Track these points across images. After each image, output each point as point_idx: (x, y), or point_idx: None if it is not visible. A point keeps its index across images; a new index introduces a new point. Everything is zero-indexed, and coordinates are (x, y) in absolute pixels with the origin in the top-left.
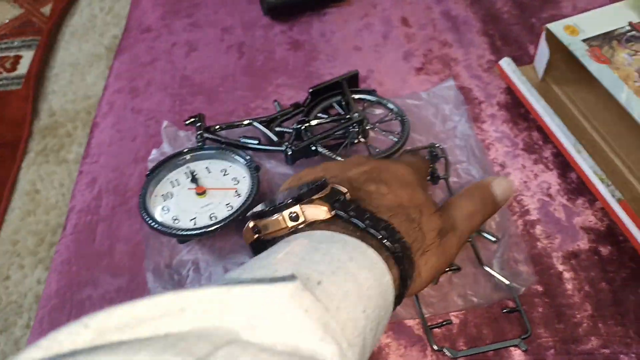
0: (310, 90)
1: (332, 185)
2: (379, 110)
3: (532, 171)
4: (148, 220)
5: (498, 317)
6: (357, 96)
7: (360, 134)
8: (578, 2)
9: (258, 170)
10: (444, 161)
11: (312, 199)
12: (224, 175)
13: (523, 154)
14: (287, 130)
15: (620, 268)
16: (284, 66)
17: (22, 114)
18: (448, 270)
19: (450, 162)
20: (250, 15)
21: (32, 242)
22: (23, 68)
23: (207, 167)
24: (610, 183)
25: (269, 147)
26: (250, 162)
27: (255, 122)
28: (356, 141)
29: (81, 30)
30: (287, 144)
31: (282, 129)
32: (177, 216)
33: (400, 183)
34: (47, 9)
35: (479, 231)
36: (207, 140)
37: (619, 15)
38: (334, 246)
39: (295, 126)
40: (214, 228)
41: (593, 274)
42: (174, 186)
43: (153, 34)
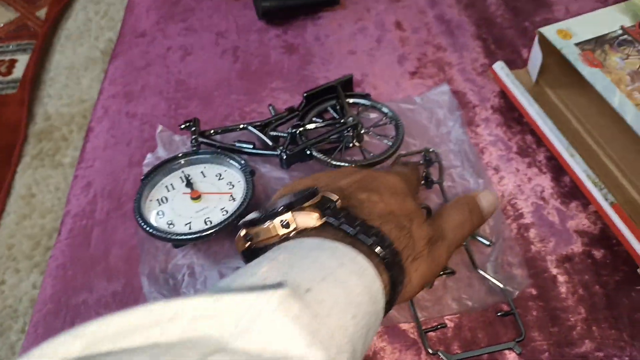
0: (305, 95)
1: (323, 193)
2: (373, 115)
3: (526, 175)
4: (143, 224)
5: (492, 320)
6: (351, 100)
7: (354, 138)
8: (571, 6)
9: (253, 175)
10: (437, 166)
11: (303, 207)
12: (219, 179)
13: (517, 158)
14: (282, 134)
15: (613, 271)
16: (279, 70)
17: (17, 118)
18: (442, 274)
19: (445, 167)
20: (245, 20)
21: (28, 246)
22: (18, 72)
23: (202, 172)
24: (603, 186)
25: (263, 152)
26: (245, 166)
27: (250, 127)
28: (351, 145)
29: (76, 34)
30: (282, 148)
31: (277, 133)
32: (172, 221)
33: (391, 192)
34: (42, 13)
35: (473, 235)
36: (202, 145)
37: (611, 19)
38: (324, 253)
39: (290, 130)
40: (209, 232)
41: (587, 277)
42: (168, 190)
43: (148, 38)
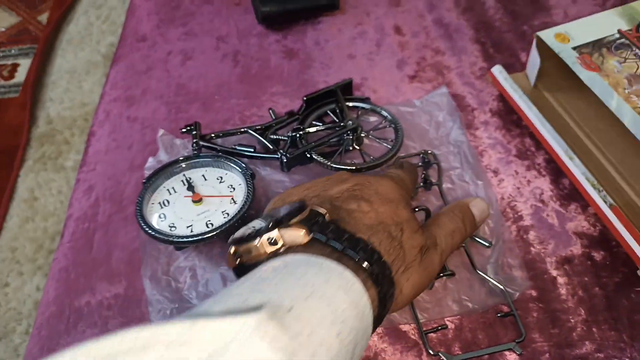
0: (305, 98)
1: (312, 207)
2: (373, 118)
3: (525, 177)
4: (145, 227)
5: (493, 322)
6: (351, 104)
7: (354, 141)
8: (569, 10)
9: (254, 178)
10: (436, 167)
11: (290, 224)
12: (220, 182)
13: (516, 160)
14: (282, 138)
15: (613, 273)
16: (279, 74)
17: (19, 122)
18: (442, 275)
19: (444, 169)
20: (245, 24)
21: (31, 249)
22: (20, 76)
23: (203, 175)
24: (602, 189)
25: (264, 155)
26: (246, 169)
27: (251, 130)
28: (350, 148)
29: (78, 38)
30: (282, 151)
31: (277, 136)
32: (173, 223)
33: (383, 199)
34: (43, 17)
35: (473, 236)
36: (202, 148)
37: (608, 23)
38: (310, 270)
39: (290, 134)
40: (210, 235)
41: (586, 279)
42: (170, 194)
43: (149, 42)
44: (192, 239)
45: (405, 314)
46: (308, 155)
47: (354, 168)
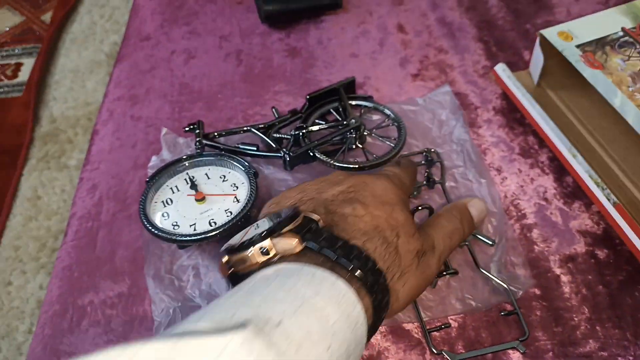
0: (308, 97)
1: (305, 214)
2: (375, 116)
3: (529, 175)
4: (148, 226)
5: (496, 320)
6: (354, 102)
7: (357, 139)
8: (572, 8)
9: (257, 176)
10: (439, 165)
11: (282, 232)
12: (223, 181)
13: (519, 159)
14: (285, 136)
15: (616, 271)
16: (282, 73)
17: (23, 121)
18: (445, 274)
19: (447, 167)
20: (248, 23)
21: (34, 247)
22: (24, 75)
23: (206, 174)
24: (605, 187)
25: (267, 154)
26: (249, 168)
27: (254, 129)
28: (353, 147)
29: (81, 38)
30: (285, 150)
31: (280, 135)
32: (176, 222)
33: (379, 202)
34: (47, 17)
35: (476, 235)
36: (206, 147)
37: (612, 21)
38: (300, 280)
39: (293, 132)
40: (213, 233)
41: (590, 277)
42: (173, 192)
43: (152, 41)
44: (195, 238)
45: (409, 313)
46: (311, 154)
47: (357, 166)
